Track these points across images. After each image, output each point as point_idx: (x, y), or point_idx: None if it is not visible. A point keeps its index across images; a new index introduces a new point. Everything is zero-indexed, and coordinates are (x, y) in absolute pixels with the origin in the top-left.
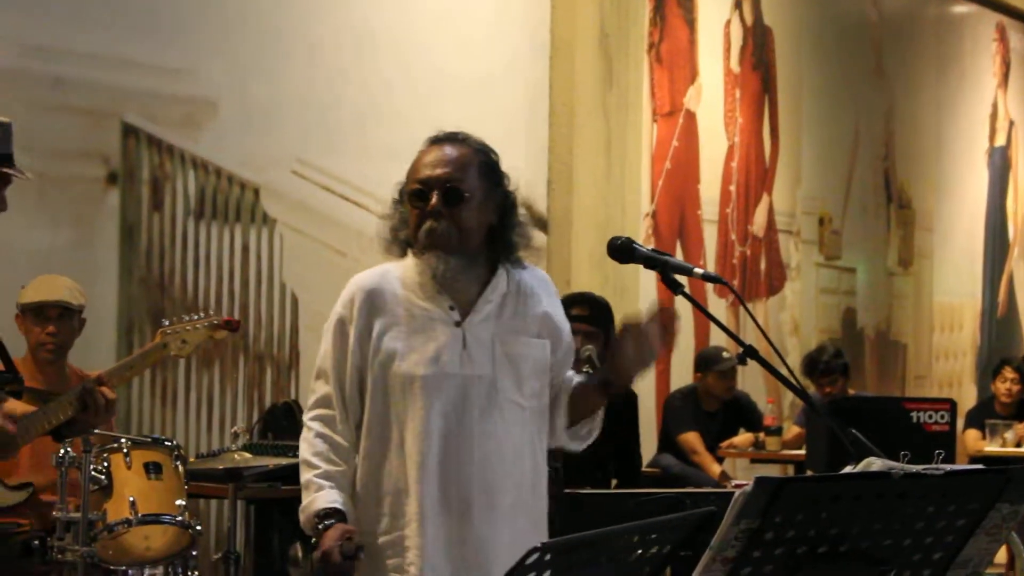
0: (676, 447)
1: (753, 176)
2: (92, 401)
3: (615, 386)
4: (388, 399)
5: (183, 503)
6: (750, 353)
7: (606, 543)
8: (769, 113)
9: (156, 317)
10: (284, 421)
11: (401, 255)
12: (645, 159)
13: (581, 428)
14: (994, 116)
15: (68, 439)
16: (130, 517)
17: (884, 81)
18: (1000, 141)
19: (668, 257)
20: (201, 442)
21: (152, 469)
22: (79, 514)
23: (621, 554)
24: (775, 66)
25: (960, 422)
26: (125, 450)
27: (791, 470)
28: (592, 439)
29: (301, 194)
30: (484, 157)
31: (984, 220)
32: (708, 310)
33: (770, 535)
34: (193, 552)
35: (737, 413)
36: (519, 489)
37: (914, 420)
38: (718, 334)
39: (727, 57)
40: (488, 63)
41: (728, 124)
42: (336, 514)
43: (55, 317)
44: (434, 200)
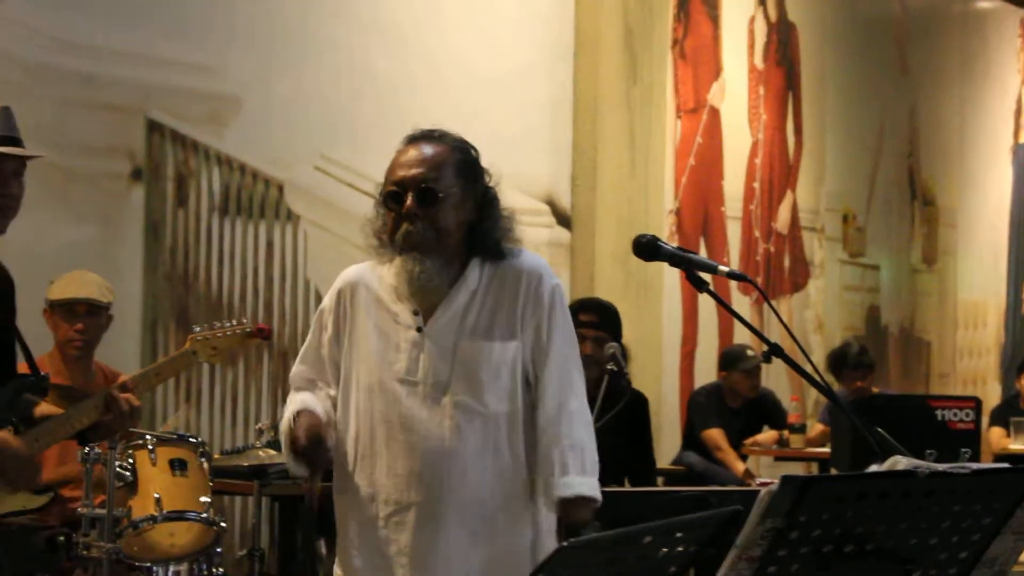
0: (700, 444)
1: (777, 173)
2: (116, 407)
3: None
4: (349, 397)
5: (208, 500)
6: (775, 351)
7: (632, 541)
8: (793, 110)
9: (180, 313)
10: None
11: (392, 258)
12: (669, 155)
13: None
14: (1018, 112)
15: (92, 442)
16: (155, 514)
17: (908, 77)
18: None
19: (693, 255)
20: (226, 439)
21: (177, 466)
22: (104, 510)
23: (647, 552)
24: (799, 62)
25: (984, 420)
26: (150, 447)
27: (815, 468)
28: None
29: (325, 191)
30: (461, 154)
31: (1008, 217)
32: (732, 307)
33: (796, 534)
34: (218, 549)
35: (761, 410)
36: (476, 498)
37: (939, 418)
38: (742, 331)
39: (751, 53)
40: (513, 59)
41: (752, 120)
42: (307, 412)
43: (84, 314)
44: (409, 201)
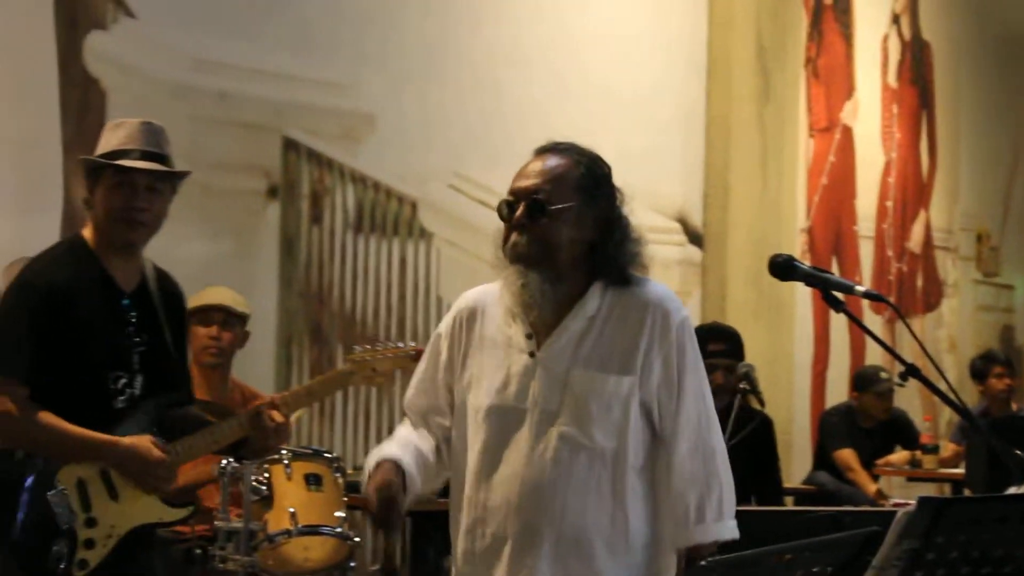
0: (832, 464)
1: (910, 192)
2: (259, 424)
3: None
4: (463, 424)
5: (342, 515)
6: (912, 372)
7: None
8: (927, 128)
9: (314, 330)
10: None
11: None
12: (801, 174)
13: None
14: None
15: (244, 459)
16: (290, 528)
17: None
18: None
19: (828, 275)
20: (359, 454)
21: (312, 481)
22: (241, 524)
23: (785, 572)
24: (933, 81)
25: None
26: (286, 461)
27: (948, 489)
28: None
29: (458, 208)
30: (586, 169)
31: None
32: (865, 326)
33: (932, 555)
34: (351, 564)
35: (894, 430)
36: (574, 535)
37: None
38: (874, 351)
39: (884, 72)
40: (645, 78)
41: (885, 139)
42: (386, 462)
43: (219, 321)
44: (518, 212)
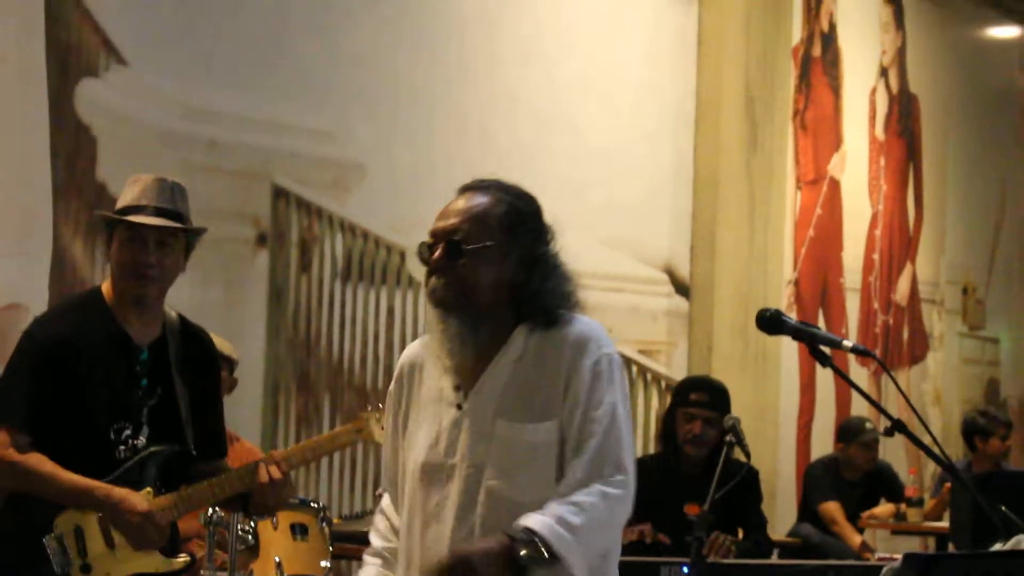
0: (816, 517)
1: (897, 244)
2: (255, 480)
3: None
4: (404, 483)
5: (328, 564)
6: (898, 427)
7: None
8: (914, 181)
9: (302, 378)
10: None
11: None
12: (788, 226)
13: None
14: None
15: (254, 517)
16: None
17: None
18: None
19: (816, 330)
20: (344, 504)
21: (298, 530)
22: (226, 573)
23: None
24: (920, 133)
25: None
26: None
27: (932, 542)
28: None
29: None
30: (508, 206)
31: None
32: (852, 380)
33: None
34: None
35: (878, 482)
36: None
37: None
38: (859, 403)
39: (872, 124)
40: (633, 127)
41: (872, 192)
42: None
43: None
44: (436, 254)
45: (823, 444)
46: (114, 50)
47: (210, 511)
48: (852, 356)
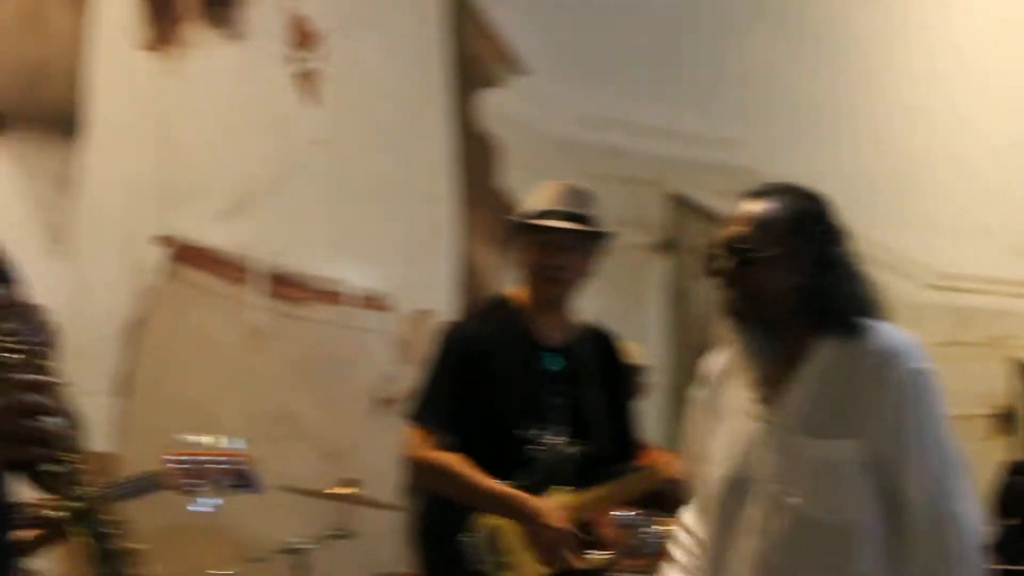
0: None
1: None
2: (659, 478)
3: None
4: (706, 494)
5: None
6: None
7: None
8: None
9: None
10: None
11: None
12: None
13: None
14: None
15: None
16: None
17: None
18: None
19: None
20: None
21: None
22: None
23: None
24: None
25: None
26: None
27: None
28: None
29: None
30: (796, 210)
31: None
32: None
33: None
34: None
35: None
36: None
37: None
38: None
39: None
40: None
41: None
42: None
43: None
44: (725, 264)
45: None
46: (515, 60)
47: (622, 512)
48: None
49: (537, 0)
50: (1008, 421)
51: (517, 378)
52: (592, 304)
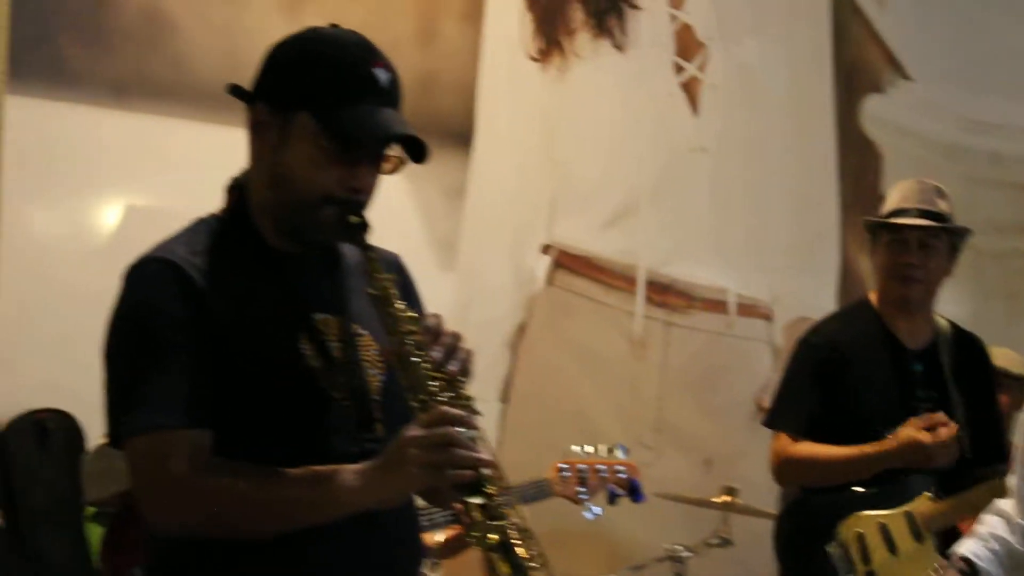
0: None
1: None
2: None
3: None
4: None
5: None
6: None
7: None
8: None
9: None
10: None
11: None
12: None
13: None
14: None
15: None
16: None
17: None
18: None
19: None
20: None
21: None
22: None
23: None
24: None
25: None
26: None
27: None
28: None
29: None
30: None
31: None
32: None
33: None
34: None
35: None
36: None
37: None
38: None
39: None
40: None
41: None
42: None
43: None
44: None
45: None
46: (898, 65)
47: None
48: None
49: (918, 3)
50: None
51: (877, 380)
52: (971, 310)
